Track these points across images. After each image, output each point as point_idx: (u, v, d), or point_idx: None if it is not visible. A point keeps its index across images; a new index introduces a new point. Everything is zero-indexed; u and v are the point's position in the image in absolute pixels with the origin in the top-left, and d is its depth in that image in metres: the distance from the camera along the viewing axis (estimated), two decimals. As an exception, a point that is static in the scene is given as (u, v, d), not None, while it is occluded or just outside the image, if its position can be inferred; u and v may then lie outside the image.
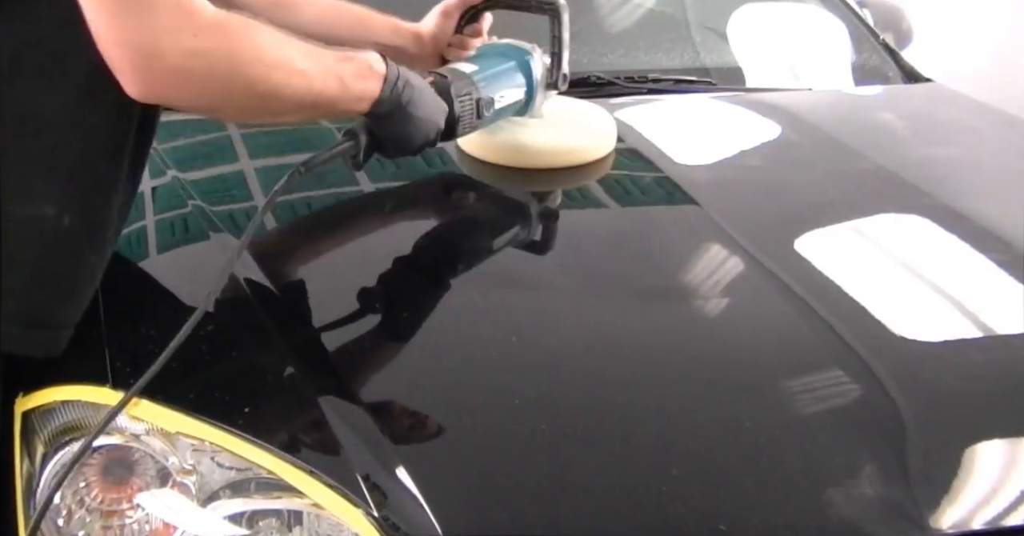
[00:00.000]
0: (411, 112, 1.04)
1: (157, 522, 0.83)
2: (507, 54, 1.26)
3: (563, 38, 1.26)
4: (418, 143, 1.09)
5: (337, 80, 0.97)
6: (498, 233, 1.24)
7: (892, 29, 2.08)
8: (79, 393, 0.89)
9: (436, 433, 0.89)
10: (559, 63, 1.27)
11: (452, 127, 1.13)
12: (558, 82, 1.28)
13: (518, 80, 1.25)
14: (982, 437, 0.91)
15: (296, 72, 0.93)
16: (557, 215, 1.32)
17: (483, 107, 1.17)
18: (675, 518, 0.82)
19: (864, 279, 1.12)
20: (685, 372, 0.98)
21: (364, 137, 1.06)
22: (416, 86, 1.05)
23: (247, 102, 0.92)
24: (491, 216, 1.32)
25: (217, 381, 0.93)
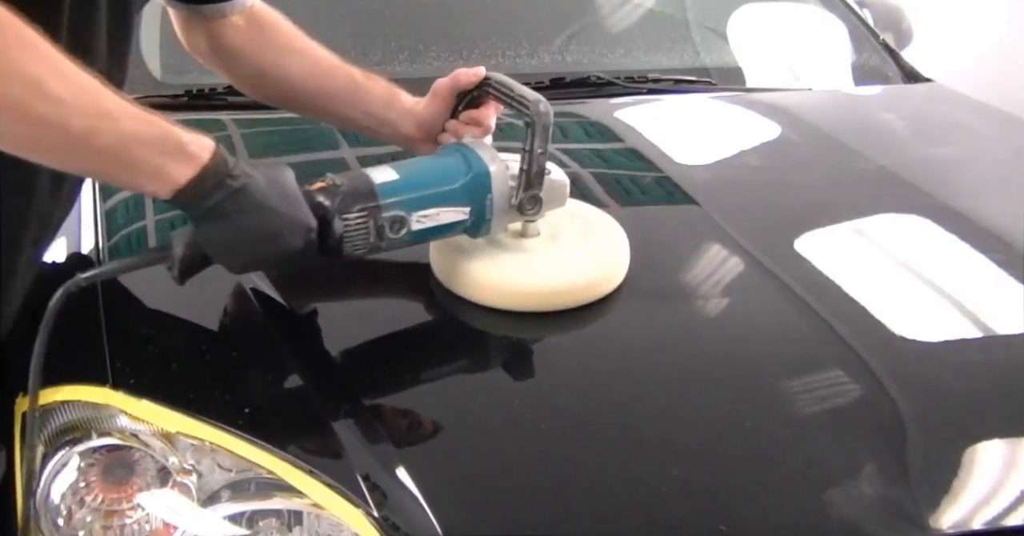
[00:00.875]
0: (240, 222, 0.85)
1: (157, 522, 0.83)
2: (456, 163, 1.00)
3: (534, 152, 0.99)
4: (250, 260, 0.91)
5: (118, 136, 0.80)
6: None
7: (892, 29, 2.08)
8: (79, 393, 0.89)
9: (436, 433, 0.89)
10: (528, 182, 1.00)
11: (336, 246, 0.93)
12: (523, 206, 1.01)
13: (458, 198, 0.98)
14: (982, 437, 0.91)
15: (46, 96, 0.76)
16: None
17: (387, 228, 0.94)
18: (675, 518, 0.82)
19: (864, 279, 1.12)
20: (685, 372, 0.98)
21: (181, 248, 0.88)
22: (255, 196, 0.85)
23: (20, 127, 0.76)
24: None
25: (217, 381, 0.93)
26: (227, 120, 1.42)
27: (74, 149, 0.80)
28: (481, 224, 1.01)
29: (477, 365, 1.02)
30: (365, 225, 0.94)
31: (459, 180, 0.99)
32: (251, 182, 0.86)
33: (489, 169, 1.00)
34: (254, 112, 1.46)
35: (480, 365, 1.03)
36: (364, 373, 0.97)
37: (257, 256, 0.90)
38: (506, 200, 1.01)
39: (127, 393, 0.88)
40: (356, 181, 0.95)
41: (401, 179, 0.97)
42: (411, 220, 0.96)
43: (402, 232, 0.96)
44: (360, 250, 0.95)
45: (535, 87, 1.54)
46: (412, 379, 0.96)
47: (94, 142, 0.79)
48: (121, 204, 1.20)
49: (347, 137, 1.32)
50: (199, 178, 0.83)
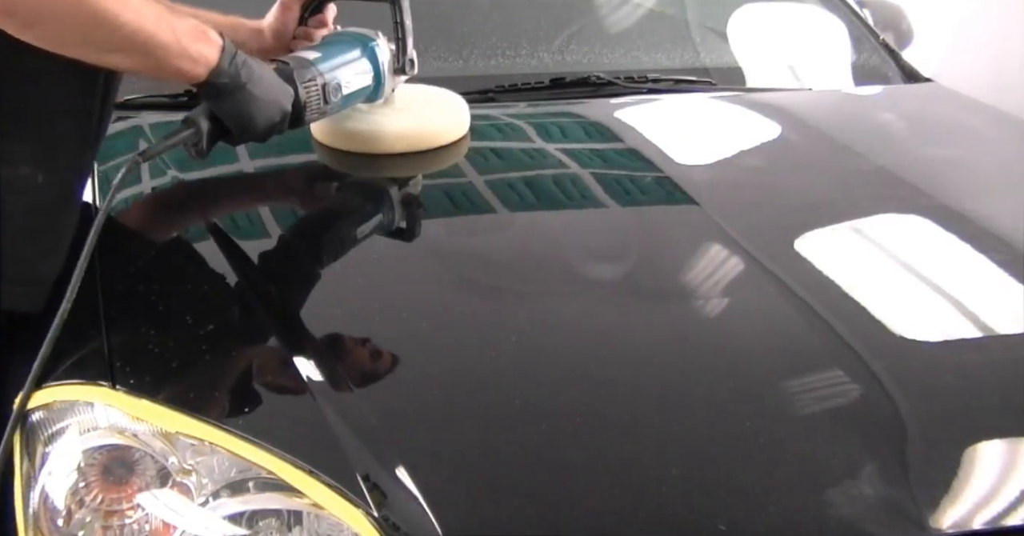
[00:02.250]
0: (252, 92, 1.04)
1: (157, 522, 0.83)
2: (351, 41, 1.26)
3: (405, 23, 1.27)
4: (263, 126, 1.07)
5: (171, 31, 0.96)
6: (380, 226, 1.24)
7: (892, 29, 2.08)
8: (79, 393, 0.89)
9: (436, 433, 0.89)
10: (404, 48, 1.28)
11: (299, 113, 1.13)
12: (405, 67, 1.29)
13: (364, 66, 1.25)
14: (982, 437, 0.91)
15: (128, 6, 0.91)
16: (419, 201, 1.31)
17: (330, 92, 1.17)
18: (675, 518, 0.82)
19: (864, 279, 1.12)
20: (685, 372, 0.98)
21: (205, 123, 1.04)
22: (255, 67, 1.05)
23: (78, 23, 0.89)
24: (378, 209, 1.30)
25: (217, 381, 0.93)
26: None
27: (146, 46, 0.95)
28: (379, 87, 1.28)
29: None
30: (317, 92, 1.15)
31: (361, 51, 1.25)
32: (248, 58, 1.04)
33: (377, 40, 1.27)
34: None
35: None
36: (364, 373, 0.97)
37: (264, 122, 1.07)
38: (390, 65, 1.28)
39: (127, 393, 0.88)
40: (297, 60, 1.17)
41: (324, 55, 1.19)
42: (343, 85, 1.19)
43: (339, 96, 1.19)
44: (315, 115, 1.17)
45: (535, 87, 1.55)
46: (413, 379, 0.96)
47: (159, 38, 0.95)
48: (120, 204, 1.20)
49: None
50: (222, 57, 1.01)
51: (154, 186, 1.25)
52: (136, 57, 0.97)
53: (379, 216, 1.28)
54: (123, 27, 0.91)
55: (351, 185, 1.40)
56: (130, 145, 1.34)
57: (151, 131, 1.37)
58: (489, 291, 1.12)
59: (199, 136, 1.04)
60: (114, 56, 0.97)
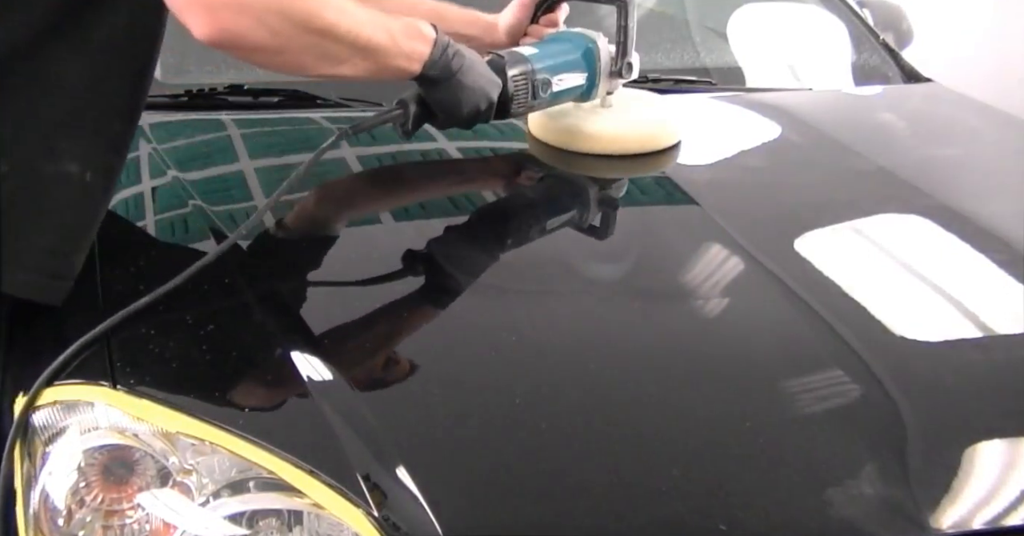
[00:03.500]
0: (461, 80, 1.10)
1: (157, 522, 0.83)
2: (571, 40, 1.31)
3: (628, 28, 1.31)
4: (468, 112, 1.14)
5: (386, 32, 1.03)
6: (512, 224, 1.26)
7: (892, 29, 2.08)
8: (79, 393, 0.89)
9: (436, 433, 0.89)
10: (624, 52, 1.31)
11: (505, 104, 1.19)
12: (622, 70, 1.32)
13: (579, 66, 1.29)
14: (982, 437, 0.91)
15: (345, 12, 0.98)
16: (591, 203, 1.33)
17: (539, 88, 1.22)
18: (675, 518, 0.82)
19: (864, 279, 1.12)
20: (685, 372, 0.98)
21: (414, 106, 1.12)
22: (467, 57, 1.11)
23: (305, 40, 0.96)
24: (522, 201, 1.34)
25: (217, 381, 0.93)
26: (227, 120, 1.42)
27: (366, 51, 1.02)
28: (592, 88, 1.32)
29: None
30: (526, 85, 1.21)
31: (578, 52, 1.29)
32: (460, 49, 1.11)
33: (597, 43, 1.31)
34: (254, 112, 1.46)
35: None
36: (365, 372, 0.97)
37: (470, 109, 1.14)
38: (608, 67, 1.32)
39: (127, 393, 0.88)
40: (512, 54, 1.23)
41: (540, 52, 1.26)
42: (553, 82, 1.24)
43: (548, 92, 1.24)
44: (522, 108, 1.23)
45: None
46: (413, 379, 0.95)
47: (378, 43, 1.02)
48: (121, 204, 1.20)
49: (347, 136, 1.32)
50: (435, 50, 1.07)
51: (154, 186, 1.25)
52: (360, 63, 1.03)
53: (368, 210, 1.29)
54: (346, 36, 0.99)
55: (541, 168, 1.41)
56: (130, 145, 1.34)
57: (151, 131, 1.37)
58: (489, 291, 1.12)
59: (407, 117, 1.13)
60: (344, 66, 1.03)
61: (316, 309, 1.04)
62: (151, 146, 1.32)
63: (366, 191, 1.33)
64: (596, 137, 1.34)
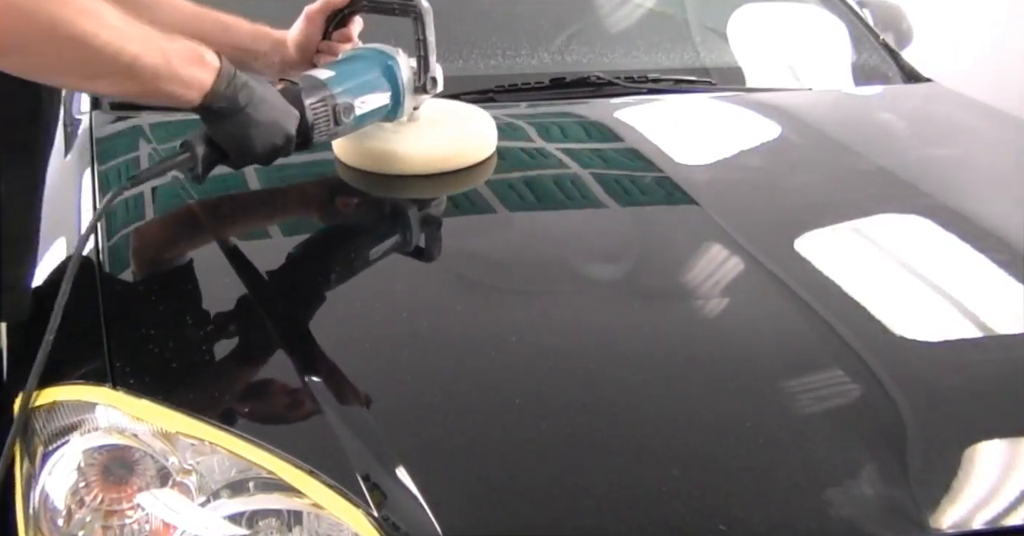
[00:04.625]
0: (251, 114, 1.01)
1: (157, 522, 0.83)
2: (369, 58, 1.22)
3: (428, 40, 1.22)
4: (263, 149, 1.04)
5: (160, 53, 0.93)
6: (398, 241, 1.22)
7: (892, 29, 2.08)
8: (79, 393, 0.89)
9: (436, 433, 0.89)
10: (426, 66, 1.23)
11: (307, 134, 1.10)
12: (427, 86, 1.24)
13: (381, 85, 1.21)
14: (982, 437, 0.91)
15: (108, 25, 0.87)
16: (440, 222, 1.27)
17: (341, 113, 1.14)
18: (675, 518, 0.82)
19: (864, 279, 1.12)
20: (685, 372, 0.98)
21: (201, 148, 1.02)
22: (257, 89, 1.02)
23: (51, 47, 0.86)
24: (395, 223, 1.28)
25: (217, 381, 0.93)
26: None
27: (130, 70, 0.91)
28: (398, 107, 1.24)
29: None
30: (326, 112, 1.12)
31: (378, 70, 1.21)
32: (250, 80, 1.01)
33: (397, 58, 1.22)
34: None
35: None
36: (365, 372, 0.97)
37: (264, 145, 1.04)
38: (411, 83, 1.24)
39: (127, 393, 0.88)
40: (308, 79, 1.15)
41: (338, 74, 1.17)
42: (355, 105, 1.16)
43: (351, 117, 1.15)
44: (324, 136, 1.14)
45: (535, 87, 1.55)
46: (413, 379, 0.95)
47: (145, 61, 0.92)
48: (121, 204, 1.20)
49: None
50: (219, 80, 0.98)
51: (155, 186, 1.25)
52: (122, 81, 0.93)
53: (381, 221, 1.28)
54: (103, 49, 0.88)
55: (359, 194, 1.34)
56: (130, 145, 1.34)
57: (151, 131, 1.36)
58: (489, 291, 1.12)
59: (194, 161, 1.03)
60: (100, 82, 0.95)
61: (316, 310, 1.04)
62: (151, 146, 1.32)
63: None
64: (403, 158, 1.26)
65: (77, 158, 1.29)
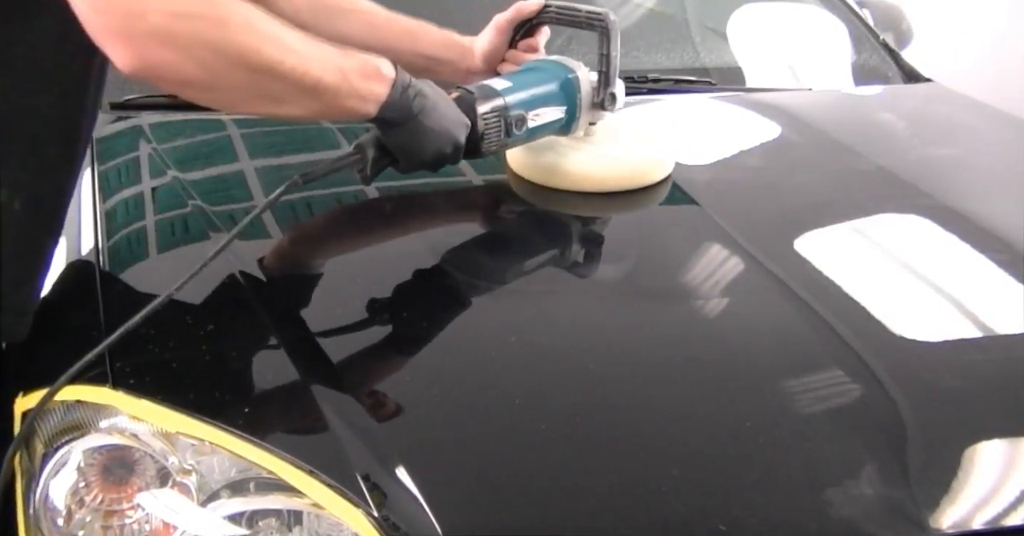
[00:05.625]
0: (423, 122, 1.02)
1: (157, 522, 0.83)
2: (548, 70, 1.22)
3: (611, 56, 1.20)
4: (431, 156, 1.06)
5: (338, 71, 0.94)
6: (510, 244, 1.23)
7: (892, 29, 2.08)
8: (79, 393, 0.89)
9: (436, 433, 0.89)
10: (607, 82, 1.21)
11: (476, 144, 1.11)
12: (605, 102, 1.22)
13: (557, 98, 1.20)
14: (982, 437, 0.91)
15: (290, 49, 0.89)
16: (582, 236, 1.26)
17: (513, 125, 1.13)
18: (675, 518, 0.82)
19: (864, 279, 1.12)
20: (685, 372, 0.98)
21: (372, 150, 1.04)
22: (430, 97, 1.03)
23: (240, 77, 0.88)
24: (509, 228, 1.28)
25: (217, 381, 0.93)
26: (227, 120, 1.42)
27: (312, 91, 0.93)
28: (572, 121, 1.22)
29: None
30: (498, 123, 1.12)
31: (556, 83, 1.20)
32: (424, 88, 1.02)
33: (577, 73, 1.21)
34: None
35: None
36: (364, 372, 0.97)
37: (434, 152, 1.06)
38: (590, 99, 1.22)
39: (127, 393, 0.88)
40: (483, 89, 1.14)
41: (514, 85, 1.16)
42: (528, 118, 1.15)
43: (523, 129, 1.15)
44: (494, 147, 1.14)
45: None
46: (413, 379, 0.96)
47: (326, 82, 0.93)
48: (121, 204, 1.20)
49: (347, 136, 1.32)
50: (393, 92, 0.99)
51: (154, 186, 1.25)
52: (306, 102, 0.94)
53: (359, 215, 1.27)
54: (289, 74, 0.89)
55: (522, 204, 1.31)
56: (130, 145, 1.34)
57: (151, 131, 1.37)
58: (488, 290, 1.12)
59: (364, 162, 1.04)
60: (287, 106, 0.95)
61: (316, 309, 1.04)
62: (151, 146, 1.32)
63: (349, 221, 1.27)
64: (577, 175, 1.24)
65: (77, 158, 1.29)
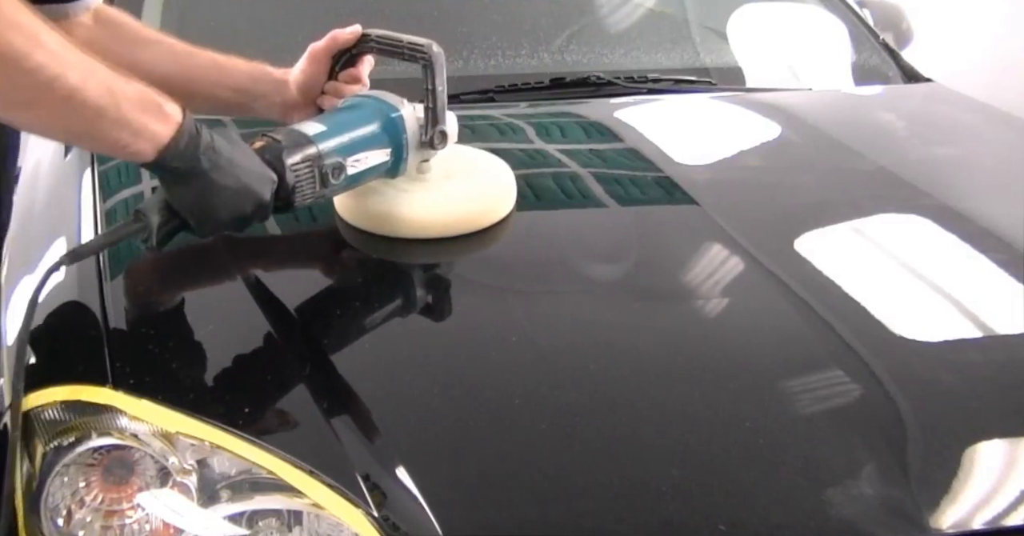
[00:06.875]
0: (216, 179, 0.90)
1: (157, 522, 0.83)
2: (370, 109, 1.10)
3: (437, 90, 1.08)
4: (228, 217, 0.94)
5: (107, 91, 0.81)
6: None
7: (892, 29, 2.08)
8: (79, 393, 0.89)
9: (436, 433, 0.89)
10: (435, 119, 1.09)
11: (287, 198, 0.99)
12: (433, 140, 1.10)
13: (380, 141, 1.08)
14: (982, 437, 0.91)
15: (43, 46, 0.76)
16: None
17: (329, 174, 1.02)
18: (675, 518, 0.82)
19: (864, 279, 1.12)
20: (685, 372, 0.98)
21: (156, 216, 0.93)
22: (224, 152, 0.91)
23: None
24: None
25: (217, 381, 0.93)
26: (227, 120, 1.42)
27: (68, 103, 0.79)
28: (399, 163, 1.11)
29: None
30: (311, 174, 1.01)
31: (378, 124, 1.08)
32: (216, 141, 0.90)
33: (401, 111, 1.10)
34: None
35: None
36: (365, 373, 0.97)
37: (231, 213, 0.94)
38: (417, 138, 1.11)
39: (127, 393, 0.88)
40: (292, 135, 1.02)
41: (329, 129, 1.04)
42: (347, 165, 1.04)
43: (341, 177, 1.04)
44: (308, 199, 1.02)
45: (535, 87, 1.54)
46: (413, 379, 0.96)
47: (87, 96, 0.80)
48: (121, 204, 1.20)
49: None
50: (177, 136, 0.86)
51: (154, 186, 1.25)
52: (58, 115, 0.81)
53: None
54: (35, 73, 0.75)
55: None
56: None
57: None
58: (488, 290, 1.12)
59: (148, 231, 0.93)
60: (30, 112, 0.81)
61: (315, 310, 1.05)
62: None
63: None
64: (408, 221, 1.12)
65: (77, 158, 1.29)
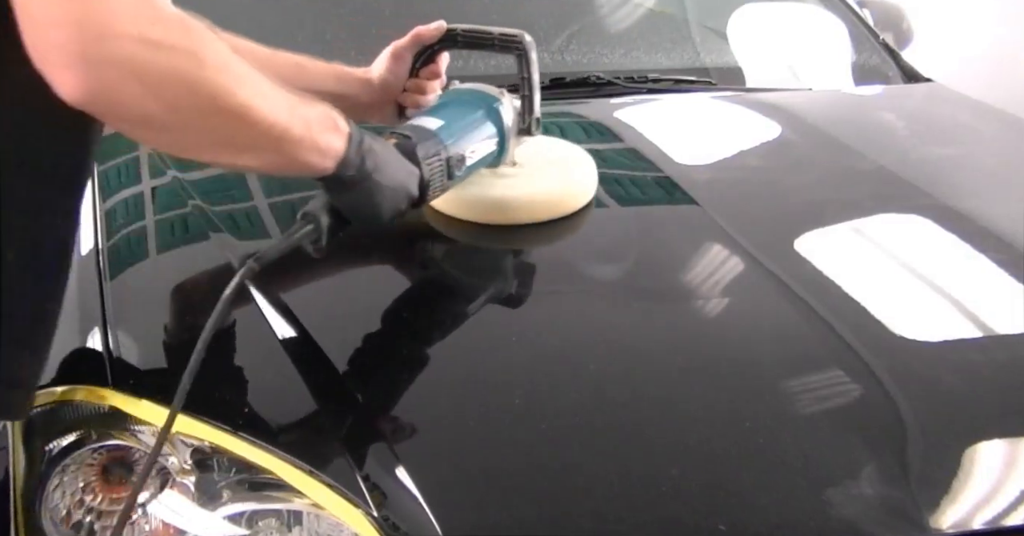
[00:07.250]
0: (379, 181, 0.92)
1: (157, 522, 0.83)
2: (473, 102, 1.12)
3: (532, 79, 1.13)
4: (388, 215, 0.96)
5: (304, 122, 0.83)
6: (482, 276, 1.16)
7: (892, 29, 2.08)
8: (79, 393, 0.89)
9: (436, 433, 0.89)
10: (531, 106, 1.14)
11: (423, 192, 1.01)
12: (531, 127, 1.15)
13: (488, 131, 1.11)
14: (982, 437, 0.91)
15: (263, 94, 0.78)
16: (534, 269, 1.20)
17: (454, 166, 1.04)
18: (675, 518, 0.82)
19: (864, 279, 1.12)
20: (685, 372, 0.98)
21: (326, 219, 0.93)
22: (379, 152, 0.93)
23: (207, 121, 0.76)
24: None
25: (217, 381, 0.93)
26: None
27: (278, 142, 0.82)
28: (503, 153, 1.14)
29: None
30: (441, 167, 1.03)
31: (484, 115, 1.11)
32: (372, 143, 0.92)
33: (501, 100, 1.13)
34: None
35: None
36: (365, 373, 0.97)
37: (391, 210, 0.96)
38: (515, 125, 1.14)
39: (127, 393, 0.88)
40: (419, 131, 1.03)
41: (447, 123, 1.06)
42: (466, 156, 1.06)
43: (463, 169, 1.06)
44: (438, 192, 1.04)
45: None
46: (413, 379, 0.96)
47: (294, 135, 0.82)
48: (121, 204, 1.20)
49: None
50: (349, 147, 0.88)
51: (154, 186, 1.25)
52: (268, 154, 0.83)
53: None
54: (258, 123, 0.78)
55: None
56: (130, 145, 1.34)
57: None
58: (488, 291, 1.12)
59: (319, 232, 0.92)
60: (245, 156, 0.83)
61: (316, 309, 1.05)
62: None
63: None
64: (515, 206, 1.16)
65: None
